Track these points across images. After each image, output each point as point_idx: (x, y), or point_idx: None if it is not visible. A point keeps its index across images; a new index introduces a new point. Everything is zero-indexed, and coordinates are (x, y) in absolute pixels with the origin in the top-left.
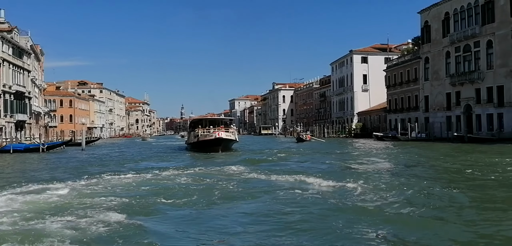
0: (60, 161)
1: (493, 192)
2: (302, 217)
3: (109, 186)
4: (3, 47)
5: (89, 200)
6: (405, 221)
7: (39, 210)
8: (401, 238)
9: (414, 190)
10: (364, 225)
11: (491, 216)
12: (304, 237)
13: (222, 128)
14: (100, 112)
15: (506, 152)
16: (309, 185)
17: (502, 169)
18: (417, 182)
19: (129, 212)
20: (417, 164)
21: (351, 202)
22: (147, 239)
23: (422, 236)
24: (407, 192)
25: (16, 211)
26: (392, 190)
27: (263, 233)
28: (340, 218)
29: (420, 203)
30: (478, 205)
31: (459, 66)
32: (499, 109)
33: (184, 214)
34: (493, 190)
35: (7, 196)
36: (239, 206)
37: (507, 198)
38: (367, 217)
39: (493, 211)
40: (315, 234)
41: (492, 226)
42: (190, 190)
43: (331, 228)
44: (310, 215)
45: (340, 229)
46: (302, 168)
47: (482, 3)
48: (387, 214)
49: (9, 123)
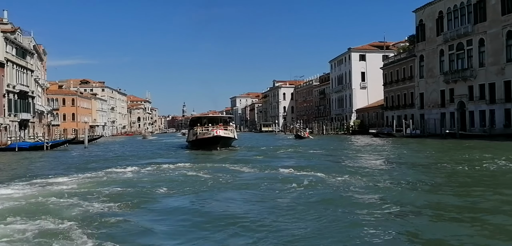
0: (64, 158)
1: (459, 181)
2: (288, 205)
3: (109, 178)
4: (6, 47)
5: (92, 189)
6: (372, 208)
7: (47, 197)
8: (365, 220)
9: (389, 181)
10: (339, 211)
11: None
12: (289, 222)
13: (220, 126)
14: (102, 110)
15: (490, 147)
16: (298, 176)
17: (477, 163)
18: (393, 174)
19: (126, 200)
20: (401, 158)
21: (332, 191)
22: (139, 225)
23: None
24: (380, 183)
25: (26, 198)
26: (367, 182)
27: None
28: (321, 205)
29: (390, 193)
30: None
31: (453, 64)
32: (491, 106)
33: (180, 201)
34: (461, 180)
35: (16, 187)
36: (229, 193)
37: (464, 186)
38: (344, 204)
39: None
40: (300, 220)
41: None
42: (186, 181)
43: (315, 215)
44: (296, 202)
45: (321, 215)
46: (294, 163)
47: (474, 2)
48: (359, 201)
49: (13, 122)
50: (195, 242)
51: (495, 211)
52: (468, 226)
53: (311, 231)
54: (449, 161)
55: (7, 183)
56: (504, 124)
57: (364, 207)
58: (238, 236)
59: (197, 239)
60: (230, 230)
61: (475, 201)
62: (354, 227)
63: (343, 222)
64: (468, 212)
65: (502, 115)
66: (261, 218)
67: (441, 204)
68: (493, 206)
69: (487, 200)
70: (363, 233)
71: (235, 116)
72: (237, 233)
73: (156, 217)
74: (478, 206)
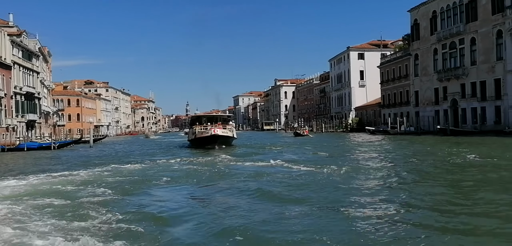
0: (71, 156)
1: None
2: (278, 191)
3: (114, 171)
4: (13, 50)
5: (99, 179)
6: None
7: (60, 187)
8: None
9: (356, 172)
10: (321, 194)
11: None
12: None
13: (219, 125)
14: (106, 110)
15: (472, 143)
16: (290, 169)
17: (446, 157)
18: (374, 166)
19: (130, 189)
20: (381, 154)
21: (318, 180)
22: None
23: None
24: (349, 172)
25: (40, 188)
26: (350, 172)
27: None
28: (307, 190)
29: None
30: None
31: (446, 63)
32: (482, 103)
33: (176, 189)
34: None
35: (29, 180)
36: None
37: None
38: (328, 190)
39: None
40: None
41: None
42: (184, 173)
43: (302, 198)
44: (286, 189)
45: (306, 198)
46: (287, 157)
47: (466, 2)
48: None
49: (21, 123)
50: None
51: (437, 198)
52: (406, 207)
53: (278, 212)
54: (422, 155)
55: (27, 175)
56: (494, 120)
57: (332, 190)
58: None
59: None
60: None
61: (424, 189)
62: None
63: (307, 203)
64: (415, 197)
65: (492, 112)
66: (237, 200)
67: (390, 191)
68: (438, 192)
69: (436, 188)
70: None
71: (238, 115)
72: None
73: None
74: (425, 192)
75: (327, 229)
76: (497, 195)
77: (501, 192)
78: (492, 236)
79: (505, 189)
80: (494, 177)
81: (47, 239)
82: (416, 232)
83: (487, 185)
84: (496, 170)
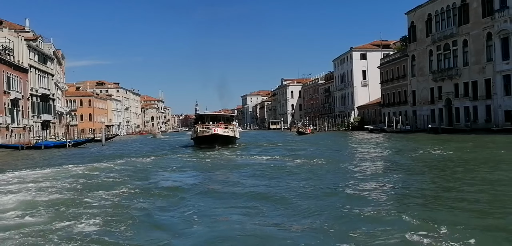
0: (87, 153)
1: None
2: (274, 182)
3: (125, 164)
4: (30, 54)
5: (111, 169)
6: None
7: (77, 177)
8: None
9: (335, 163)
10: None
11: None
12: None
13: (221, 124)
14: (117, 111)
15: (453, 140)
16: (284, 163)
17: (417, 152)
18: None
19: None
20: (365, 148)
21: (305, 170)
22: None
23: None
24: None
25: (60, 177)
26: (333, 164)
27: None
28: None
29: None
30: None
31: (440, 63)
32: (474, 103)
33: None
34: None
35: (52, 170)
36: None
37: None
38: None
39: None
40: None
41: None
42: (182, 166)
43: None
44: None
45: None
46: (283, 153)
47: (458, 5)
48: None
49: (36, 123)
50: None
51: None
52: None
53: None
54: (397, 150)
55: (51, 166)
56: (485, 119)
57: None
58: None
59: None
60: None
61: (379, 177)
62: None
63: (286, 189)
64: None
65: (483, 111)
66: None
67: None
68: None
69: (393, 177)
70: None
71: (246, 114)
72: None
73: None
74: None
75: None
76: (425, 177)
77: (436, 177)
78: (407, 206)
79: (438, 176)
80: (437, 165)
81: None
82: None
83: (429, 171)
84: (445, 161)
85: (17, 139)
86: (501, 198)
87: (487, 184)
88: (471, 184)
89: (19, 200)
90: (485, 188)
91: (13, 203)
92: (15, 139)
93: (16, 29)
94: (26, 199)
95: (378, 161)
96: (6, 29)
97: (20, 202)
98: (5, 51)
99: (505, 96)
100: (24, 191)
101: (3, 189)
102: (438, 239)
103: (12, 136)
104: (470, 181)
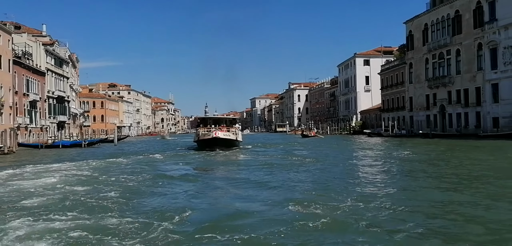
0: (102, 152)
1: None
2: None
3: (133, 160)
4: (47, 58)
5: (123, 164)
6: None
7: (100, 167)
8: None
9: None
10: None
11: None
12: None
13: (222, 127)
14: (128, 112)
15: (440, 144)
16: (282, 159)
17: (400, 152)
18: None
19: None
20: (354, 149)
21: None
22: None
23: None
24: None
25: (86, 167)
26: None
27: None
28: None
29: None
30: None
31: (435, 71)
32: (465, 109)
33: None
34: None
35: (78, 162)
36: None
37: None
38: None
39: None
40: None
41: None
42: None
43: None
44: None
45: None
46: (282, 153)
47: (452, 17)
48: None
49: (53, 123)
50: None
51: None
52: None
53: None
54: (378, 150)
55: (75, 160)
56: (475, 125)
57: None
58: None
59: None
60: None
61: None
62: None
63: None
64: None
65: (474, 117)
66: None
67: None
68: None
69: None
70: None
71: (254, 117)
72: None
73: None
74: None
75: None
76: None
77: (397, 175)
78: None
79: (400, 173)
80: (393, 161)
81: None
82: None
83: (395, 170)
84: (413, 162)
85: (35, 139)
86: (415, 188)
87: (410, 176)
88: (400, 175)
89: (60, 179)
90: (406, 179)
91: (57, 182)
92: (33, 138)
93: (33, 34)
94: (65, 179)
95: (351, 158)
96: (25, 34)
97: (63, 180)
98: (25, 56)
99: (493, 103)
100: (62, 175)
101: (46, 174)
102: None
103: (30, 136)
104: (402, 172)
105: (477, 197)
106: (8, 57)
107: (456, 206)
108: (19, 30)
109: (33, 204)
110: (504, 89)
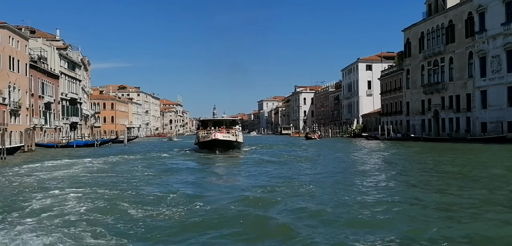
0: (114, 151)
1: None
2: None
3: (140, 158)
4: (61, 62)
5: (134, 160)
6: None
7: (116, 162)
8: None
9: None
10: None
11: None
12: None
13: (222, 129)
14: (137, 113)
15: (426, 147)
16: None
17: (371, 154)
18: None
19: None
20: (347, 149)
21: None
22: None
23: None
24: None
25: (96, 163)
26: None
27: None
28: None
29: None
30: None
31: (430, 78)
32: (457, 114)
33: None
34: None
35: (89, 160)
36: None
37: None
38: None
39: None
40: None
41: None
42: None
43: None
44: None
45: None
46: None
47: (446, 26)
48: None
49: (66, 124)
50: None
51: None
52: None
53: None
54: (368, 151)
55: (91, 157)
56: (465, 129)
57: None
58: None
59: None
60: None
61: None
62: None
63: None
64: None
65: (464, 122)
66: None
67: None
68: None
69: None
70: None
71: (261, 119)
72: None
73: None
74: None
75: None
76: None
77: (375, 171)
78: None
79: (377, 170)
80: (374, 159)
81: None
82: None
83: (377, 167)
84: (395, 163)
85: (49, 139)
86: (385, 181)
87: (382, 171)
88: (374, 168)
89: (83, 169)
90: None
91: (82, 172)
92: (47, 138)
93: (48, 38)
94: (89, 169)
95: (341, 156)
96: (41, 39)
97: (87, 170)
98: (40, 60)
99: (481, 109)
100: (86, 167)
101: (70, 166)
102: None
103: (45, 136)
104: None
105: (425, 189)
106: (25, 61)
107: (398, 192)
108: (34, 34)
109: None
110: (492, 96)
